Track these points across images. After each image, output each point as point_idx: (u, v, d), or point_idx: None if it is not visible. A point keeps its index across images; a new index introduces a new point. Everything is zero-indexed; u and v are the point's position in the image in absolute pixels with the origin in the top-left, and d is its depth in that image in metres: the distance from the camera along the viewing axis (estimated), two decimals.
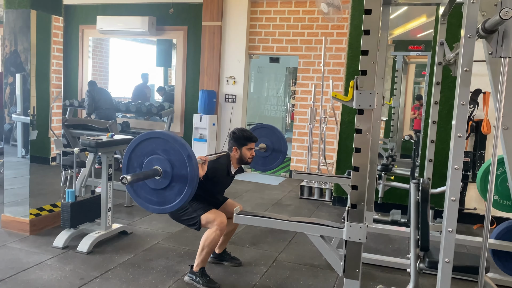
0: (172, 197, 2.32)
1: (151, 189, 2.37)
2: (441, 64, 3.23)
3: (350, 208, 2.11)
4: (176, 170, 2.30)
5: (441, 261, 2.01)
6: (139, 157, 2.39)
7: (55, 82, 4.88)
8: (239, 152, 3.07)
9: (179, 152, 2.30)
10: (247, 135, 3.07)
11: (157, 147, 2.34)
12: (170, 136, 2.39)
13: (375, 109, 2.10)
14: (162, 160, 2.31)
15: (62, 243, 3.45)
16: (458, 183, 1.94)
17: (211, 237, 2.91)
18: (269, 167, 3.83)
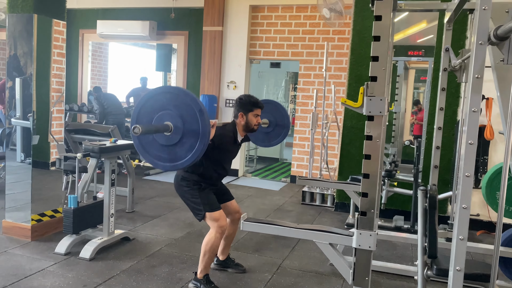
0: (183, 153, 2.27)
1: (161, 145, 2.32)
2: (446, 70, 3.23)
3: (360, 215, 2.09)
4: (188, 126, 2.25)
5: (453, 269, 1.99)
6: (149, 113, 2.33)
7: (55, 86, 4.87)
8: (245, 118, 2.98)
9: (191, 107, 2.25)
10: (254, 100, 3.00)
11: (168, 103, 2.29)
12: (181, 90, 2.35)
13: None
14: (173, 115, 2.26)
15: (64, 250, 3.41)
16: (469, 190, 1.92)
17: (211, 241, 2.89)
18: (272, 143, 3.69)
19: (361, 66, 5.18)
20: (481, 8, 1.83)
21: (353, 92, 5.21)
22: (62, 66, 4.86)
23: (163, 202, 5.26)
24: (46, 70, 4.36)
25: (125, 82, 9.70)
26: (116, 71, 9.86)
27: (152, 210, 4.88)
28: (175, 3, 7.23)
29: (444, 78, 3.24)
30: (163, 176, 6.84)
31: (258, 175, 7.40)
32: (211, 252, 2.90)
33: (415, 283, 3.23)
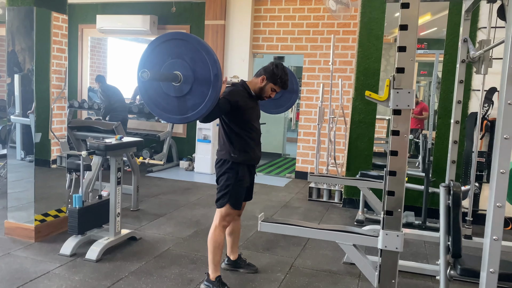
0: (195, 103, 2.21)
1: (170, 97, 2.24)
2: (465, 62, 3.11)
3: (385, 215, 1.99)
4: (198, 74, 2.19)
5: (486, 271, 1.88)
6: (162, 55, 2.23)
7: (55, 82, 4.74)
8: (264, 84, 2.81)
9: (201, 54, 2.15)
10: (285, 79, 2.82)
11: (177, 50, 2.19)
12: (191, 36, 2.24)
13: None
14: (183, 64, 2.17)
15: (70, 251, 3.30)
16: (504, 187, 1.82)
17: (215, 237, 2.83)
18: (280, 110, 3.56)
19: (369, 59, 5.06)
20: None
21: (361, 86, 5.10)
22: (62, 62, 4.74)
23: (167, 200, 5.15)
24: (45, 66, 4.23)
25: (125, 78, 9.54)
26: (116, 67, 9.70)
27: (157, 208, 4.77)
28: None
29: (462, 70, 3.13)
30: (166, 173, 6.73)
31: (261, 171, 7.28)
32: (218, 248, 2.81)
33: (432, 281, 3.15)
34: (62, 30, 4.65)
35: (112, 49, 9.55)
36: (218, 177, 2.84)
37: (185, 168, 7.14)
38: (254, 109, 2.87)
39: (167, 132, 6.98)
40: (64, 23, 4.62)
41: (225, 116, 2.72)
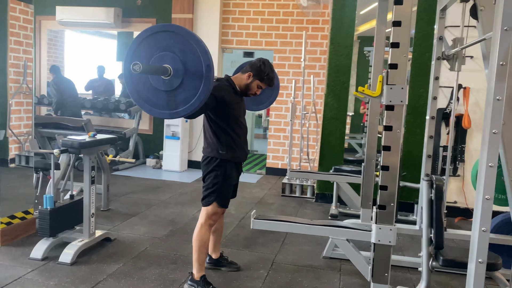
0: (185, 98, 2.17)
1: (159, 91, 2.18)
2: (440, 59, 3.21)
3: (378, 209, 2.01)
4: (189, 67, 2.14)
5: (475, 262, 1.95)
6: (150, 48, 2.16)
7: (13, 76, 4.49)
8: (250, 80, 2.78)
9: (192, 47, 2.09)
10: (271, 77, 2.80)
11: (167, 43, 2.12)
12: (181, 28, 2.18)
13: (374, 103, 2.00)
14: (173, 57, 2.10)
15: (41, 254, 3.12)
16: (493, 181, 1.88)
17: (201, 235, 2.76)
18: (262, 106, 3.56)
19: (340, 56, 5.13)
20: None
21: (333, 83, 5.16)
22: (20, 55, 4.50)
23: (138, 198, 5.00)
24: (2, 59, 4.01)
25: (83, 73, 9.16)
26: (73, 61, 9.30)
27: (129, 207, 4.62)
28: None
29: (437, 67, 3.22)
30: (133, 171, 6.54)
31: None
32: (203, 247, 2.76)
33: (410, 273, 3.24)
34: (20, 22, 4.41)
35: (70, 42, 9.14)
36: (205, 175, 2.77)
37: (152, 166, 6.97)
38: (240, 104, 2.83)
39: (133, 129, 6.79)
40: (23, 14, 4.38)
41: (211, 112, 2.66)
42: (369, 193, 3.35)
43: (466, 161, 4.83)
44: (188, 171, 6.79)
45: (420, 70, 4.77)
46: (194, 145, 7.00)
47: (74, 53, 9.24)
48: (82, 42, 9.59)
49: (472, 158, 4.79)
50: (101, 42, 9.72)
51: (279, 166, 6.78)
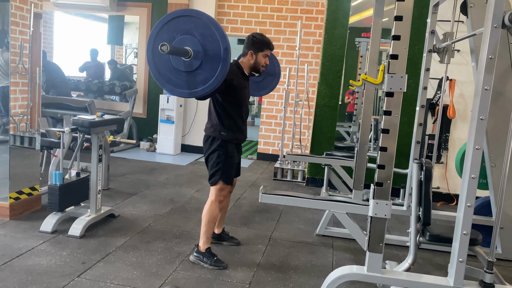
0: (203, 78, 2.35)
1: (179, 71, 2.35)
2: (431, 52, 3.43)
3: (376, 186, 2.23)
4: (208, 50, 2.30)
5: (460, 234, 2.19)
6: (172, 32, 2.33)
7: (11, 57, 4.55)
8: (254, 57, 2.92)
9: (211, 30, 2.26)
10: (267, 40, 2.96)
11: (187, 27, 2.29)
12: (202, 13, 2.35)
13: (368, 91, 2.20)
14: (193, 40, 2.27)
15: (51, 228, 3.27)
16: (478, 162, 2.12)
17: (211, 211, 2.94)
18: (264, 92, 3.72)
19: (335, 46, 5.32)
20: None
21: (326, 71, 5.36)
22: (16, 36, 4.56)
23: (136, 179, 5.16)
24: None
25: (73, 55, 9.13)
26: (63, 44, 9.25)
27: (128, 187, 4.77)
28: None
29: (428, 59, 3.45)
30: (127, 153, 6.66)
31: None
32: (212, 221, 2.95)
33: (396, 249, 3.49)
34: (16, 2, 4.47)
35: (59, 24, 9.08)
36: (208, 155, 2.95)
37: (146, 149, 7.10)
38: (247, 89, 3.00)
39: (128, 112, 6.89)
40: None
41: (218, 95, 2.83)
42: (361, 175, 3.59)
43: (449, 149, 5.11)
44: (182, 154, 6.95)
45: (410, 61, 4.96)
46: (187, 129, 7.14)
47: (64, 35, 9.19)
48: (72, 24, 9.53)
49: (455, 146, 5.07)
50: (91, 25, 9.68)
51: (270, 152, 6.99)
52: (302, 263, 3.12)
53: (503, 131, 3.19)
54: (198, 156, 6.87)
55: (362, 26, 6.68)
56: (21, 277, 2.57)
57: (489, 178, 3.48)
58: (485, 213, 3.64)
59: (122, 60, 8.80)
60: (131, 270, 2.79)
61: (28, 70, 4.68)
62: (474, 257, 2.76)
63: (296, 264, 3.09)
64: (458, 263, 2.18)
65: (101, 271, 2.75)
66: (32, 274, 2.62)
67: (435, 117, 5.10)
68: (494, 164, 3.37)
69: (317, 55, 6.64)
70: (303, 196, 2.30)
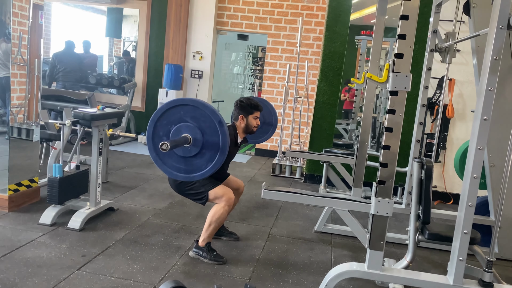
0: (203, 164, 2.34)
1: (179, 157, 2.36)
2: (433, 51, 3.44)
3: (378, 184, 2.24)
4: (207, 137, 2.33)
5: (460, 232, 2.21)
6: (165, 125, 2.37)
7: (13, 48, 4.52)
8: (245, 120, 3.09)
9: (210, 119, 2.30)
10: (254, 103, 3.10)
11: (185, 115, 2.34)
12: (199, 102, 2.38)
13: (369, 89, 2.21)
14: (191, 127, 2.31)
15: (50, 220, 3.26)
16: (480, 162, 2.13)
17: (219, 213, 2.92)
18: (259, 140, 3.83)
19: (335, 43, 5.32)
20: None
21: (326, 68, 5.36)
22: (15, 27, 4.52)
23: (134, 173, 5.15)
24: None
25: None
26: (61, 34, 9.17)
27: (127, 181, 4.77)
28: None
29: (430, 58, 3.46)
30: (125, 147, 6.65)
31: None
32: (217, 223, 2.94)
33: (394, 247, 3.52)
34: None
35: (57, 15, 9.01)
36: (180, 192, 3.02)
37: (144, 142, 7.07)
38: (231, 155, 3.12)
39: (126, 105, 6.86)
40: None
41: None
42: (361, 173, 3.60)
43: (447, 148, 5.14)
44: None
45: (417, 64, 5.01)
46: None
47: (62, 27, 9.12)
48: (70, 16, 9.47)
49: (453, 145, 5.10)
50: (90, 16, 9.61)
51: (268, 148, 7.00)
52: (301, 260, 3.13)
53: (502, 131, 3.22)
54: None
55: (362, 24, 6.68)
56: (21, 269, 2.57)
57: (488, 178, 3.51)
58: (482, 212, 3.67)
59: (120, 53, 8.76)
60: (131, 264, 2.79)
61: (26, 61, 4.65)
62: (472, 255, 2.78)
63: (295, 260, 3.10)
64: (458, 261, 2.20)
65: (101, 264, 2.75)
66: (32, 267, 2.62)
67: (434, 116, 5.12)
68: (493, 164, 3.39)
69: (317, 52, 6.64)
70: (305, 193, 2.31)
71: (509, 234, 3.42)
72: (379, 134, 5.94)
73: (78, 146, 3.54)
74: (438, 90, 5.05)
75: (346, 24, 5.28)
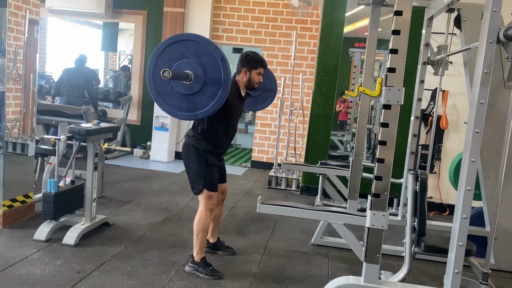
0: (205, 102, 2.32)
1: (180, 95, 2.35)
2: (426, 64, 3.48)
3: (373, 197, 2.25)
4: (209, 74, 2.31)
5: (455, 245, 2.21)
6: (166, 62, 2.35)
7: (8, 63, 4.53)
8: (248, 74, 2.96)
9: (212, 55, 2.28)
10: (260, 58, 3.00)
11: (187, 51, 2.31)
12: (202, 38, 2.37)
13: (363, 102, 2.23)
14: (193, 64, 2.29)
15: (45, 236, 3.24)
16: (474, 175, 2.15)
17: (202, 219, 2.92)
18: (258, 107, 3.76)
19: (329, 56, 5.37)
20: (492, 10, 2.03)
21: (321, 81, 5.40)
22: (11, 42, 4.54)
23: (130, 187, 5.13)
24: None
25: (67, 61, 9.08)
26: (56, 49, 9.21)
27: (122, 195, 4.75)
28: None
29: (423, 71, 3.50)
30: (121, 160, 6.64)
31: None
32: (203, 231, 2.93)
33: (390, 259, 3.52)
34: (11, 8, 4.46)
35: (52, 30, 9.05)
36: (187, 163, 2.96)
37: (140, 156, 7.07)
38: (239, 110, 3.04)
39: (122, 119, 6.87)
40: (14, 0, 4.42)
41: None
42: (357, 185, 3.61)
43: (442, 159, 5.16)
44: (176, 162, 6.93)
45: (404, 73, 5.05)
46: (182, 137, 7.13)
47: (58, 41, 9.16)
48: (66, 30, 9.51)
49: (448, 156, 5.13)
50: (85, 31, 9.66)
51: (264, 160, 7.00)
52: (298, 273, 3.12)
53: (496, 143, 3.25)
54: None
55: (356, 36, 6.75)
56: (15, 287, 2.54)
57: (482, 189, 3.52)
58: (478, 223, 3.68)
59: (116, 66, 8.80)
60: (126, 280, 2.77)
61: (22, 76, 4.66)
62: (468, 267, 2.78)
63: (292, 274, 3.09)
64: (454, 274, 2.21)
65: (96, 280, 2.73)
66: (26, 284, 2.59)
67: (428, 128, 5.15)
68: (487, 175, 3.41)
69: (311, 65, 6.69)
70: (300, 207, 2.31)
71: (505, 245, 3.42)
72: (374, 145, 5.97)
73: (73, 161, 3.53)
74: (432, 101, 5.09)
75: (339, 37, 5.34)
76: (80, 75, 6.39)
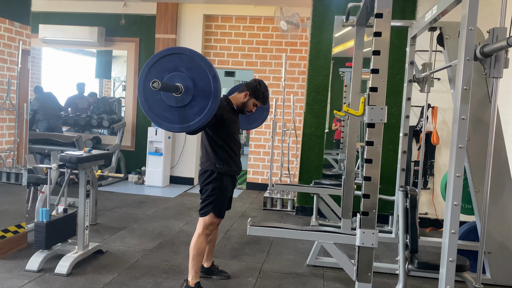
0: (194, 114, 2.37)
1: (169, 106, 2.38)
2: (411, 82, 3.55)
3: (362, 215, 2.26)
4: (199, 88, 2.34)
5: (446, 261, 2.21)
6: (159, 72, 2.37)
7: None
8: (247, 99, 3.02)
9: (204, 72, 2.31)
10: (266, 95, 3.06)
11: (180, 64, 2.34)
12: (196, 54, 2.41)
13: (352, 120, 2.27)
14: (184, 77, 2.32)
15: (37, 266, 3.21)
16: (460, 189, 2.17)
17: (198, 244, 2.92)
18: (254, 125, 3.81)
19: (319, 77, 5.45)
20: (468, 28, 2.09)
21: (312, 101, 5.46)
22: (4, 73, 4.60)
23: (124, 213, 5.11)
24: None
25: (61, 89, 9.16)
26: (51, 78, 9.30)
27: (116, 221, 4.73)
28: (125, 9, 7.08)
29: (409, 89, 3.56)
30: (115, 186, 6.62)
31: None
32: (200, 256, 2.92)
33: (386, 277, 3.50)
34: (4, 40, 4.53)
35: (47, 59, 9.16)
36: (203, 187, 2.97)
37: (135, 181, 7.06)
38: (236, 123, 3.06)
39: (116, 145, 6.89)
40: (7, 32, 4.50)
41: (209, 129, 2.88)
42: (349, 204, 3.62)
43: (435, 175, 5.18)
44: (170, 186, 6.92)
45: (392, 91, 5.13)
46: (176, 161, 7.15)
47: (52, 70, 9.25)
48: (60, 59, 9.62)
49: (440, 172, 5.15)
50: (79, 59, 9.77)
51: (259, 181, 7.01)
52: None
53: (485, 157, 3.27)
54: (186, 187, 6.86)
55: (346, 56, 6.85)
56: None
57: (474, 203, 3.53)
58: (472, 238, 3.68)
59: (110, 93, 8.86)
60: None
61: (15, 106, 4.69)
62: (463, 283, 2.77)
63: None
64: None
65: None
66: None
67: (420, 144, 5.19)
68: (478, 190, 3.43)
69: (302, 85, 6.77)
70: (290, 228, 2.32)
71: (500, 259, 3.42)
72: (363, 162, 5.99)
73: (65, 189, 3.53)
74: (422, 118, 5.14)
75: (328, 58, 5.43)
76: (83, 101, 6.50)
